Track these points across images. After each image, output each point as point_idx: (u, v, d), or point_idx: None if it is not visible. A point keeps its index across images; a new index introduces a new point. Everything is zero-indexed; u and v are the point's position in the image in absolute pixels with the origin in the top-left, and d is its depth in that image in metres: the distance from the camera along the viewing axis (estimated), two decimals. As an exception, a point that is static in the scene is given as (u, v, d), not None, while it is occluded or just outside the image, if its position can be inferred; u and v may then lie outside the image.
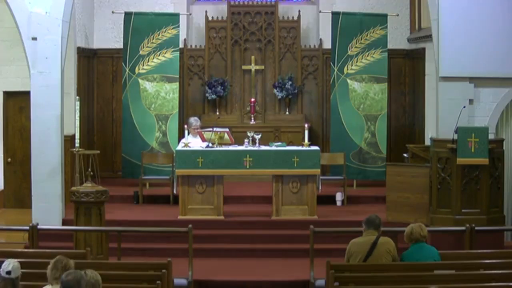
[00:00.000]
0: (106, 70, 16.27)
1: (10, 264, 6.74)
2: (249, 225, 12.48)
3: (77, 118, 13.12)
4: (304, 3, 16.80)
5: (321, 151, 12.95)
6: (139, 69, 15.08)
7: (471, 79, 12.26)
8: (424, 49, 14.89)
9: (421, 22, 15.23)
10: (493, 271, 8.61)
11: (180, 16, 15.45)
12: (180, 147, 12.87)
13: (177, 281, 9.86)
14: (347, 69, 15.16)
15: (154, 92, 15.11)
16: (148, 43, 15.06)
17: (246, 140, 12.81)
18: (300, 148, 12.77)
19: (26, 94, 12.79)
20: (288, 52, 16.19)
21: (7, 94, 14.72)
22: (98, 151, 13.99)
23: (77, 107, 13.23)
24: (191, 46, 16.27)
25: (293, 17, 16.23)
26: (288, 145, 13.35)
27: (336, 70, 15.14)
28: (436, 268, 8.59)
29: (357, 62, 15.15)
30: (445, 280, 8.34)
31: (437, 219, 11.61)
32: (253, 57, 16.15)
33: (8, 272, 6.71)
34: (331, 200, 13.71)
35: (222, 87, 15.87)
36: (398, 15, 15.72)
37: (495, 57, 12.14)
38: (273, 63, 16.18)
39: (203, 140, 12.98)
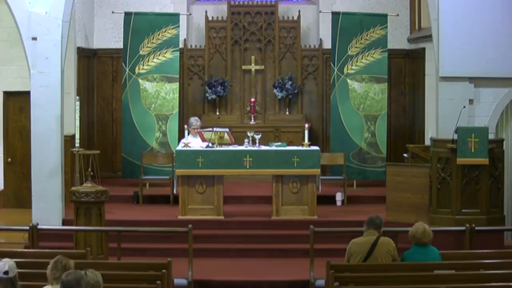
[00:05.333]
0: (106, 70, 16.27)
1: (6, 264, 6.73)
2: (249, 225, 12.48)
3: (77, 118, 13.14)
4: (304, 3, 16.80)
5: (321, 151, 12.95)
6: (139, 69, 15.08)
7: (471, 79, 12.27)
8: (424, 49, 14.89)
9: (421, 22, 15.23)
10: (493, 271, 8.61)
11: (180, 16, 15.45)
12: (180, 147, 12.87)
13: (177, 281, 9.86)
14: (347, 69, 15.16)
15: (154, 92, 15.11)
16: (148, 43, 15.06)
17: (246, 140, 12.81)
18: (300, 148, 12.77)
19: (26, 94, 12.79)
20: (288, 52, 16.19)
21: (7, 94, 14.73)
22: (98, 151, 14.02)
23: (77, 107, 13.25)
24: (191, 46, 16.27)
25: (293, 17, 16.23)
26: (288, 145, 13.35)
27: (336, 70, 15.14)
28: (436, 268, 8.58)
29: (357, 62, 15.15)
30: (445, 280, 8.33)
31: (437, 219, 11.60)
32: (253, 57, 16.15)
33: (6, 272, 6.70)
34: (331, 200, 13.71)
35: (222, 87, 15.87)
36: (398, 15, 15.72)
37: (495, 57, 12.15)
38: (273, 63, 16.18)
39: (203, 140, 12.97)
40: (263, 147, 12.74)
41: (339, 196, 13.79)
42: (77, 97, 13.57)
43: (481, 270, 8.70)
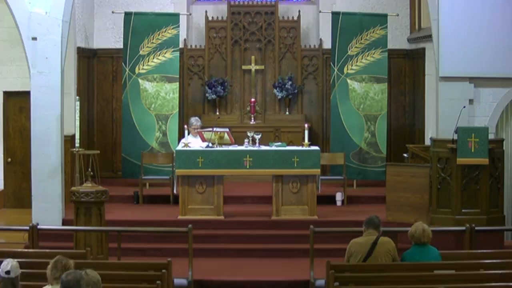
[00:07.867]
0: (106, 70, 16.27)
1: (9, 263, 6.74)
2: (249, 225, 12.48)
3: (77, 118, 13.15)
4: (304, 3, 16.80)
5: (321, 151, 12.95)
6: (139, 69, 15.09)
7: (471, 79, 12.28)
8: (424, 49, 14.89)
9: (421, 22, 15.24)
10: (493, 271, 8.61)
11: (180, 16, 15.45)
12: (180, 147, 12.87)
13: (177, 281, 9.86)
14: (347, 69, 15.16)
15: (154, 92, 15.11)
16: (148, 43, 15.06)
17: (246, 140, 12.81)
18: (300, 148, 12.76)
19: (26, 94, 12.79)
20: (288, 52, 16.19)
21: (7, 94, 14.73)
22: (98, 151, 14.03)
23: (77, 107, 13.26)
24: (191, 46, 16.27)
25: (293, 17, 16.22)
26: (288, 145, 13.35)
27: (336, 70, 15.14)
28: (436, 268, 8.59)
29: (357, 62, 15.15)
30: (445, 280, 8.34)
31: (437, 219, 11.61)
32: (253, 57, 16.15)
33: (7, 272, 6.71)
34: (331, 200, 13.71)
35: (222, 87, 15.87)
36: (398, 15, 15.72)
37: (495, 57, 12.15)
38: (273, 63, 16.18)
39: (203, 140, 12.98)
40: (263, 147, 12.74)
41: (339, 196, 13.79)
42: (77, 97, 13.57)
43: (481, 270, 8.70)
